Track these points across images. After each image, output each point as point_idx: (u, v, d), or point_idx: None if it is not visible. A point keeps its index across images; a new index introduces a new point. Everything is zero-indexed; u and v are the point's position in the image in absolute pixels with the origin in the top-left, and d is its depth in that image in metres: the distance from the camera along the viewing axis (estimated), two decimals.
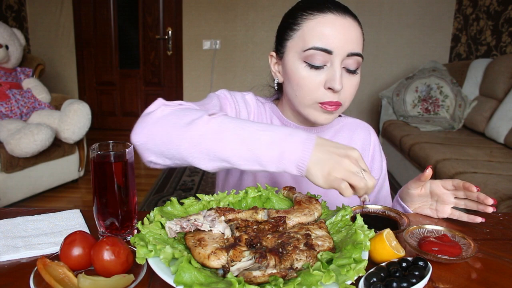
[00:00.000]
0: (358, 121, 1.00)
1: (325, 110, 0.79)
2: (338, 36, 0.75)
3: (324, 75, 0.77)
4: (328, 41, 0.75)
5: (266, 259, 0.54)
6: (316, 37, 0.76)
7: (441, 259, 0.61)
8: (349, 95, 0.80)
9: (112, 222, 0.68)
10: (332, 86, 0.76)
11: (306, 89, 0.78)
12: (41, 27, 4.23)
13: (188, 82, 4.31)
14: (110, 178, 0.66)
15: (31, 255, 0.64)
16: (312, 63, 0.77)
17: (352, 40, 0.76)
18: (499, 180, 1.93)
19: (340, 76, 0.76)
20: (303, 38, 0.78)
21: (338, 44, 0.75)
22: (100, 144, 0.69)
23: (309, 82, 0.78)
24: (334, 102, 0.78)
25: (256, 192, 0.77)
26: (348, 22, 0.77)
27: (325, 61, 0.77)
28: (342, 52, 0.76)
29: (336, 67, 0.76)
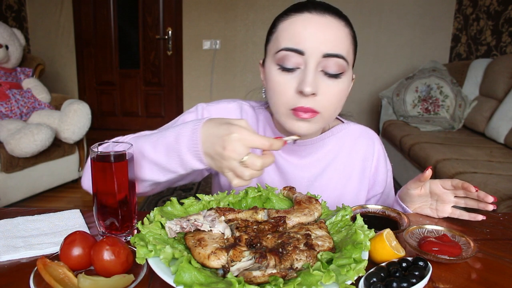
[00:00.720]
0: (361, 128, 0.93)
1: (298, 117, 0.71)
2: (311, 35, 0.69)
3: (297, 78, 0.70)
4: (300, 41, 0.69)
5: (266, 259, 0.54)
6: (287, 37, 0.71)
7: (441, 259, 0.61)
8: (328, 103, 0.72)
9: (112, 222, 0.68)
10: (301, 88, 0.69)
11: (278, 94, 0.72)
12: (41, 27, 4.23)
13: (188, 82, 4.31)
14: (110, 178, 0.66)
15: (31, 255, 0.64)
16: (284, 65, 0.71)
17: (329, 40, 0.69)
18: (499, 180, 1.93)
19: (313, 79, 0.69)
20: (277, 39, 0.73)
21: (311, 44, 0.69)
22: (100, 143, 0.69)
23: (281, 86, 0.71)
24: (306, 108, 0.70)
25: (256, 192, 0.77)
26: (326, 21, 0.70)
27: (297, 63, 0.70)
28: (316, 53, 0.69)
29: (308, 69, 0.69)
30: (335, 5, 0.77)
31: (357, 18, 3.92)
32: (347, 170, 0.90)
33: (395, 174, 3.17)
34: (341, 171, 0.89)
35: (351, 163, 0.90)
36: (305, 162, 0.87)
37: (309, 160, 0.87)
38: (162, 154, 0.68)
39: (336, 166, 0.89)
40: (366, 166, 0.91)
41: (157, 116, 4.46)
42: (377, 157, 0.92)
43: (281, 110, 0.74)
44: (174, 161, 0.67)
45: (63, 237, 0.67)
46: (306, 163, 0.87)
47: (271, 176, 0.88)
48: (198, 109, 0.87)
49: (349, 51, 0.73)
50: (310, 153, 0.87)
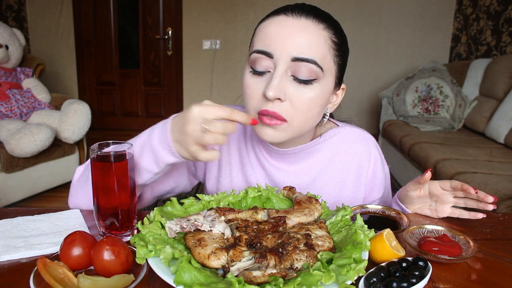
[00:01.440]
0: (357, 132, 0.88)
1: (264, 123, 0.68)
2: (280, 38, 0.66)
3: (265, 82, 0.68)
4: (269, 43, 0.67)
5: (266, 259, 0.54)
6: (259, 40, 0.69)
7: (441, 259, 0.61)
8: (296, 111, 0.68)
9: (112, 222, 0.68)
10: (265, 92, 0.66)
11: (248, 97, 0.70)
12: (41, 27, 4.23)
13: (188, 82, 4.31)
14: (110, 178, 0.66)
15: (31, 255, 0.64)
16: (255, 68, 0.69)
17: (300, 44, 0.66)
18: (499, 180, 1.93)
19: (278, 83, 0.65)
20: (253, 42, 0.71)
21: (280, 46, 0.66)
22: (100, 144, 0.69)
23: (250, 89, 0.69)
24: (271, 112, 0.67)
25: (256, 192, 0.77)
26: (300, 23, 0.67)
27: (267, 67, 0.68)
28: (285, 56, 0.66)
29: (276, 73, 0.66)
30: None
31: (357, 18, 3.92)
32: (342, 176, 0.86)
33: (395, 174, 3.17)
34: (335, 177, 0.86)
35: (345, 169, 0.86)
36: (295, 168, 0.84)
37: (300, 167, 0.84)
38: (137, 153, 0.70)
39: (330, 172, 0.85)
40: (362, 172, 0.86)
41: (157, 116, 4.46)
42: (374, 162, 0.87)
43: (251, 114, 0.71)
44: (147, 157, 0.69)
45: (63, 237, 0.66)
46: (297, 169, 0.84)
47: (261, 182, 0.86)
48: None
49: (326, 57, 0.68)
50: (300, 159, 0.83)
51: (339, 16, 0.75)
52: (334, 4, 3.85)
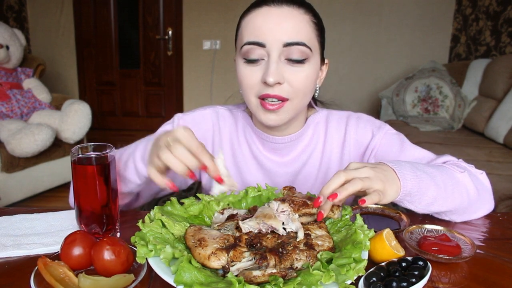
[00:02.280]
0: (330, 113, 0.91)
1: (266, 109, 0.75)
2: (269, 27, 0.72)
3: (262, 69, 0.74)
4: (260, 34, 0.72)
5: (266, 260, 0.54)
6: (249, 32, 0.74)
7: (441, 259, 0.61)
8: (295, 89, 0.74)
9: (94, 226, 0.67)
10: (264, 78, 0.72)
11: (246, 85, 0.76)
12: (41, 27, 4.23)
13: (188, 82, 4.31)
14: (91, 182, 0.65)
15: (18, 255, 0.64)
16: (249, 58, 0.74)
17: (288, 30, 0.72)
18: (499, 180, 1.93)
19: (276, 69, 0.71)
20: (241, 35, 0.76)
21: (270, 35, 0.72)
22: (81, 146, 0.68)
23: (248, 78, 0.75)
24: (272, 95, 0.73)
25: (256, 192, 0.77)
26: (284, 11, 0.72)
27: (261, 55, 0.73)
28: (277, 43, 0.72)
29: (271, 60, 0.72)
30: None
31: (357, 18, 3.92)
32: (326, 158, 0.89)
33: None
34: (320, 159, 0.89)
35: (328, 149, 0.89)
36: (287, 159, 0.88)
37: (291, 156, 0.88)
38: (122, 163, 0.75)
39: (316, 155, 0.89)
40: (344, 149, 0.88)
41: (157, 116, 4.46)
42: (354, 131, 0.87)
43: (251, 101, 0.77)
44: (130, 169, 0.73)
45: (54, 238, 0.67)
46: (289, 159, 0.88)
47: (254, 175, 0.89)
48: (175, 120, 0.90)
49: (312, 38, 0.75)
50: (291, 150, 0.88)
51: (339, 16, 0.75)
52: (334, 4, 3.85)
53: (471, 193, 0.75)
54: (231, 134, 0.91)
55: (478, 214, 0.81)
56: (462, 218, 0.79)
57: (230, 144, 0.90)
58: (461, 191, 0.73)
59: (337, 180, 0.59)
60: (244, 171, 0.89)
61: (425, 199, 0.68)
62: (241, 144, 0.90)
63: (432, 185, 0.68)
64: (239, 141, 0.90)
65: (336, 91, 3.96)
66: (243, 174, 0.90)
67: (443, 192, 0.70)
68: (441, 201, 0.71)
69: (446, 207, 0.73)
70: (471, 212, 0.79)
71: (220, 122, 0.91)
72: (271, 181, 0.90)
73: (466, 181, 0.75)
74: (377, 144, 0.85)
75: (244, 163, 0.89)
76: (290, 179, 0.89)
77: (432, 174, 0.70)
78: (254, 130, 0.88)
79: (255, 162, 0.89)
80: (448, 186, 0.71)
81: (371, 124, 0.88)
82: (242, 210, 0.72)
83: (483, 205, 0.80)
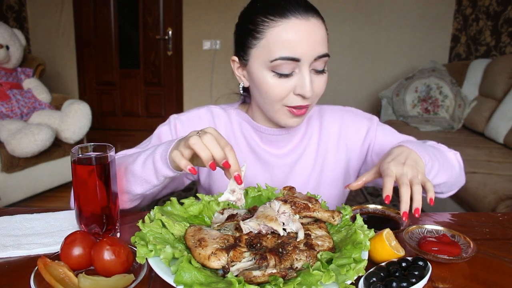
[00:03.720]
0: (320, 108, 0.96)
1: (294, 114, 0.78)
2: (304, 42, 0.73)
3: (293, 81, 0.75)
4: (295, 49, 0.73)
5: (266, 260, 0.54)
6: (281, 47, 0.73)
7: (441, 259, 0.61)
8: (318, 94, 0.79)
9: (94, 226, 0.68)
10: (302, 93, 0.75)
11: (275, 96, 0.77)
12: (41, 27, 4.23)
13: (188, 82, 4.31)
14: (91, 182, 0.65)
15: (18, 255, 0.64)
16: (281, 71, 0.75)
17: (319, 43, 0.74)
18: (499, 180, 1.94)
19: (310, 83, 0.74)
20: (268, 48, 0.74)
21: (305, 50, 0.73)
22: (81, 146, 0.68)
23: (278, 89, 0.76)
24: (304, 106, 0.77)
25: (256, 192, 0.77)
26: (312, 25, 0.74)
27: (293, 68, 0.75)
28: (309, 58, 0.74)
29: (305, 73, 0.74)
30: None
31: (357, 18, 3.92)
32: (322, 149, 0.93)
33: None
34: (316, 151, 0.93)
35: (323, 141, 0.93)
36: (284, 151, 0.91)
37: (288, 148, 0.91)
38: (140, 164, 0.74)
39: (312, 147, 0.93)
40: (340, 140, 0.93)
41: (157, 116, 4.46)
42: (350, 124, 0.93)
43: (275, 108, 0.79)
44: (149, 169, 0.72)
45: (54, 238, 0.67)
46: (286, 151, 0.91)
47: (252, 168, 0.91)
48: (171, 121, 0.91)
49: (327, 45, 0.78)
50: (288, 142, 0.91)
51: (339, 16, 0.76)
52: (334, 4, 3.85)
53: (456, 168, 0.89)
54: (227, 131, 0.92)
55: (456, 188, 0.94)
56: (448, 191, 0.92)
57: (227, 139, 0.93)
58: (451, 167, 0.87)
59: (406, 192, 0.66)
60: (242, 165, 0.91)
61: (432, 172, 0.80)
62: (238, 140, 0.92)
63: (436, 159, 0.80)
64: (236, 137, 0.92)
65: (336, 91, 3.96)
66: None
67: (441, 164, 0.82)
68: (442, 173, 0.82)
69: (444, 179, 0.84)
70: (454, 186, 0.91)
71: (215, 120, 0.93)
72: (269, 173, 0.91)
73: (452, 158, 0.90)
74: (374, 134, 0.93)
75: (242, 157, 0.91)
76: (288, 170, 0.91)
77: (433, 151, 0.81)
78: (251, 124, 0.90)
79: (253, 155, 0.91)
80: (443, 160, 0.84)
81: (363, 116, 0.95)
82: (242, 210, 0.72)
83: (461, 180, 0.93)
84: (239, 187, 0.62)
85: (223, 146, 0.62)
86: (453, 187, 0.92)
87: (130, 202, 0.80)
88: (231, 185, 0.62)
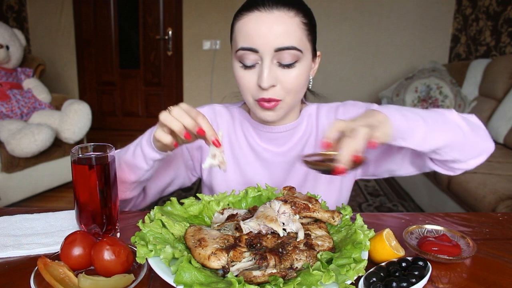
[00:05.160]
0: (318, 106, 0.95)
1: (264, 107, 0.79)
2: (262, 34, 0.74)
3: (256, 73, 0.77)
4: (253, 40, 0.74)
5: (266, 260, 0.54)
6: (242, 37, 0.76)
7: (441, 259, 0.61)
8: (288, 90, 0.78)
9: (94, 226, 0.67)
10: (259, 83, 0.76)
11: (244, 88, 0.80)
12: (41, 27, 4.23)
13: (188, 82, 4.31)
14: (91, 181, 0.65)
15: (18, 255, 0.64)
16: (244, 63, 0.77)
17: (280, 35, 0.74)
18: (499, 180, 1.94)
19: (268, 74, 0.75)
20: (235, 40, 0.79)
21: (263, 41, 0.74)
22: (81, 146, 0.68)
23: (244, 80, 0.78)
24: (267, 98, 0.77)
25: (256, 192, 0.77)
26: (274, 17, 0.74)
27: (255, 60, 0.76)
28: (268, 49, 0.74)
29: (264, 65, 0.75)
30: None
31: (357, 18, 3.92)
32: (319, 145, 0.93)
33: None
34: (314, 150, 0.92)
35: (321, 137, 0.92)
36: (283, 149, 0.91)
37: (287, 146, 0.91)
38: (131, 153, 0.79)
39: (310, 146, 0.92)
40: None
41: (157, 116, 4.44)
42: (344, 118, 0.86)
43: (249, 101, 0.81)
44: (138, 156, 0.77)
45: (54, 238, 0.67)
46: (285, 149, 0.91)
47: (252, 166, 0.92)
48: None
49: (302, 39, 0.77)
50: (287, 140, 0.91)
51: (339, 16, 0.76)
52: (334, 4, 3.85)
53: (463, 127, 0.77)
54: (228, 128, 0.94)
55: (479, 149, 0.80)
56: (465, 156, 0.79)
57: (228, 138, 0.94)
58: (452, 126, 0.76)
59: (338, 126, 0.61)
60: (242, 163, 0.92)
61: (417, 134, 0.70)
62: (238, 138, 0.93)
63: (421, 121, 0.71)
64: (237, 135, 0.93)
65: (336, 91, 3.96)
66: (241, 166, 0.92)
67: (432, 126, 0.72)
68: (434, 135, 0.72)
69: (442, 141, 0.74)
70: (471, 148, 0.79)
71: (217, 118, 0.94)
72: (268, 171, 0.92)
73: (455, 117, 0.79)
74: None
75: (242, 155, 0.92)
76: (287, 168, 0.92)
77: (418, 112, 0.74)
78: (251, 123, 0.91)
79: (253, 154, 0.92)
80: (438, 121, 0.75)
81: (361, 106, 0.93)
82: (242, 210, 0.72)
83: (481, 140, 0.80)
84: (219, 150, 0.65)
85: (194, 116, 0.65)
86: (470, 152, 0.79)
87: (129, 191, 0.84)
88: (212, 151, 0.65)
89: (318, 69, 0.87)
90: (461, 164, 0.81)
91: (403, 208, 2.63)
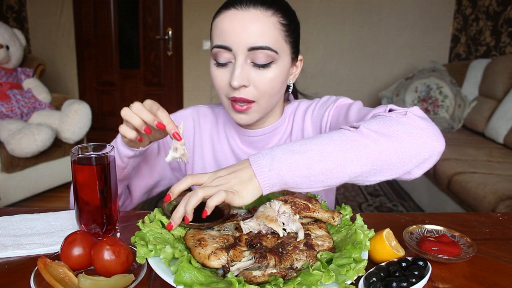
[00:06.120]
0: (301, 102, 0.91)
1: (235, 110, 0.77)
2: (235, 32, 0.72)
3: (229, 72, 0.75)
4: (226, 38, 0.73)
5: (266, 259, 0.54)
6: (217, 35, 0.75)
7: (441, 259, 0.61)
8: (261, 92, 0.76)
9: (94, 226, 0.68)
10: (230, 82, 0.74)
11: (217, 86, 0.79)
12: (41, 27, 4.23)
13: (188, 82, 4.31)
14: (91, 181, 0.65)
15: (18, 255, 0.64)
16: (218, 61, 0.76)
17: (253, 34, 0.72)
18: (499, 180, 1.94)
19: (240, 73, 0.73)
20: (212, 36, 0.78)
21: (236, 39, 0.72)
22: (81, 146, 0.68)
23: (218, 79, 0.77)
24: (238, 98, 0.75)
25: None
26: (250, 15, 0.72)
27: (228, 58, 0.75)
28: (242, 48, 0.72)
29: (237, 64, 0.73)
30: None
31: (356, 18, 3.92)
32: None
33: None
34: None
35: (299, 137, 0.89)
36: None
37: None
38: None
39: None
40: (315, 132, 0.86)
41: None
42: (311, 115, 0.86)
43: (224, 100, 0.80)
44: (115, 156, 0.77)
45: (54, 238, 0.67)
46: None
47: None
48: None
49: (278, 40, 0.75)
50: (267, 143, 0.89)
51: (339, 16, 0.74)
52: (334, 4, 3.85)
53: (384, 145, 0.60)
54: (211, 130, 0.93)
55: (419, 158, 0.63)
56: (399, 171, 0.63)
57: (211, 140, 0.93)
58: (364, 152, 0.60)
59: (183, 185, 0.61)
60: (223, 165, 0.91)
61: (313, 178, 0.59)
62: (221, 140, 0.92)
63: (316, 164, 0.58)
64: (219, 137, 0.92)
65: (336, 91, 3.96)
66: None
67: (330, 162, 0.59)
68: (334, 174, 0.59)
69: (357, 170, 0.60)
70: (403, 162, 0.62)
71: (200, 119, 0.93)
72: None
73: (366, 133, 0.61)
74: (328, 119, 0.83)
75: (224, 157, 0.92)
76: None
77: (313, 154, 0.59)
78: (233, 125, 0.90)
79: (233, 157, 0.91)
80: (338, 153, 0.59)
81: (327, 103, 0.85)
82: (242, 210, 0.72)
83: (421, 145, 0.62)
84: (180, 143, 0.66)
85: (155, 111, 0.66)
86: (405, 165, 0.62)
87: None
88: (174, 144, 0.66)
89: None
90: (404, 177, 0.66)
91: (403, 208, 2.63)
